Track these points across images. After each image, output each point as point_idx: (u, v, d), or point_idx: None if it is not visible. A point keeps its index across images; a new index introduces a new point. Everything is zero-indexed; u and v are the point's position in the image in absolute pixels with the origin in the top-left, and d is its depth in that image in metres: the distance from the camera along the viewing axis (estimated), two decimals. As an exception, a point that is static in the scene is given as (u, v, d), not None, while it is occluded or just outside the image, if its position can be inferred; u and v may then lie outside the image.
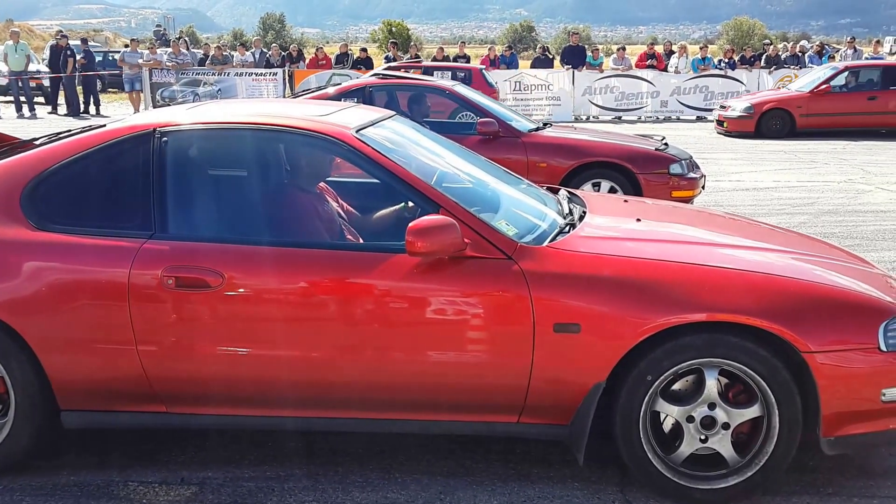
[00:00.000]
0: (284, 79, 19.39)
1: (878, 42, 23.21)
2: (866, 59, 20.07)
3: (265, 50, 21.58)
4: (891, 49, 39.35)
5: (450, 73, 14.78)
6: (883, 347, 2.98)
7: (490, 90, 14.51)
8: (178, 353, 3.13)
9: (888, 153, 13.32)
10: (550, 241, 3.18)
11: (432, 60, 21.03)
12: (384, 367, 3.08)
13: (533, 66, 20.68)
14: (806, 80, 16.45)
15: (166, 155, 3.28)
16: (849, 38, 23.07)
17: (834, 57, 21.21)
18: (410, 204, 3.43)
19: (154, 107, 17.98)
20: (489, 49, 22.20)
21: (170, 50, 20.82)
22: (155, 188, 3.22)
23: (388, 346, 3.07)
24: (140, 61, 19.34)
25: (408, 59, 19.00)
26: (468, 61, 21.23)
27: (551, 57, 21.23)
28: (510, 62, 20.78)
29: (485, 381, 3.06)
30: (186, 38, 27.37)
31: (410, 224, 2.95)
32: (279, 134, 3.43)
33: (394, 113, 4.06)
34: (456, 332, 3.04)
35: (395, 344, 3.07)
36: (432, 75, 12.63)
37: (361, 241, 3.47)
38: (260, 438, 3.54)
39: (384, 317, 3.06)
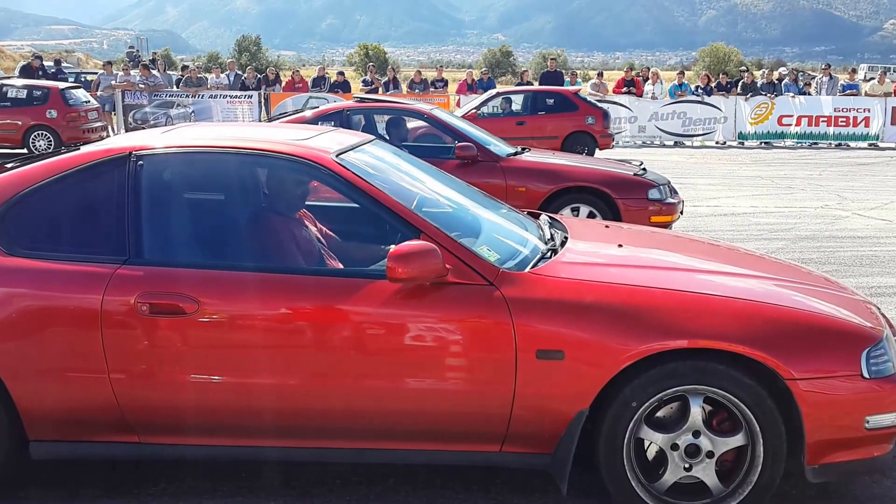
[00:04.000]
0: (260, 102, 19.35)
1: (853, 70, 23.56)
2: (841, 86, 20.40)
3: (240, 72, 21.49)
4: (865, 76, 39.95)
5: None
6: (866, 374, 2.97)
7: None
8: (152, 381, 3.05)
9: (864, 179, 13.48)
10: (532, 266, 3.15)
11: (410, 84, 21.12)
12: (364, 396, 3.02)
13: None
14: (465, 106, 16.35)
15: (142, 178, 3.22)
16: (824, 66, 23.42)
17: (810, 84, 21.50)
18: (391, 229, 3.38)
19: (126, 129, 17.84)
20: (467, 73, 22.20)
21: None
22: (130, 212, 3.15)
23: (367, 373, 3.01)
24: (113, 83, 19.20)
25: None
26: (446, 85, 21.34)
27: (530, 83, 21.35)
28: (488, 87, 20.83)
29: (467, 410, 3.00)
30: (162, 60, 27.27)
31: (391, 250, 2.90)
32: (258, 158, 3.38)
33: (373, 137, 4.03)
34: (437, 359, 3.00)
35: (376, 372, 3.01)
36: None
37: (341, 266, 3.42)
38: (235, 469, 3.46)
39: (364, 344, 3.00)
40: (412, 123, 8.20)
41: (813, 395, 2.91)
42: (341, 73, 21.56)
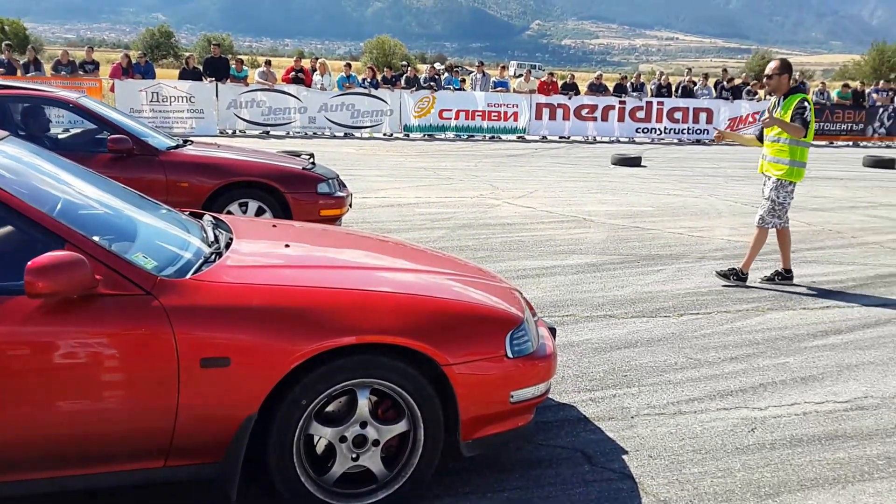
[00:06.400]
0: None
1: (503, 67, 25.72)
2: (493, 82, 22.20)
3: None
4: (515, 73, 43.93)
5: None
6: (510, 354, 3.30)
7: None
8: None
9: (513, 170, 14.82)
10: (194, 272, 3.05)
11: (55, 65, 19.22)
12: (6, 424, 2.73)
13: (181, 77, 19.86)
14: None
15: None
16: (478, 63, 25.30)
17: (465, 80, 23.14)
18: (31, 239, 3.07)
19: None
20: (122, 56, 20.09)
21: None
22: None
23: (9, 400, 2.72)
24: None
25: None
26: (98, 69, 19.74)
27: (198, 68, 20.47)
28: (146, 71, 19.59)
29: (126, 428, 2.84)
30: None
31: (30, 262, 2.63)
32: None
33: (7, 134, 3.63)
34: (89, 377, 2.79)
35: (18, 397, 2.73)
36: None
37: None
38: None
39: (3, 368, 2.70)
40: (56, 113, 7.50)
41: (465, 377, 3.17)
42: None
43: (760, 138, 7.23)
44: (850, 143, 23.90)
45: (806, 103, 6.64)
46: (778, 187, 6.82)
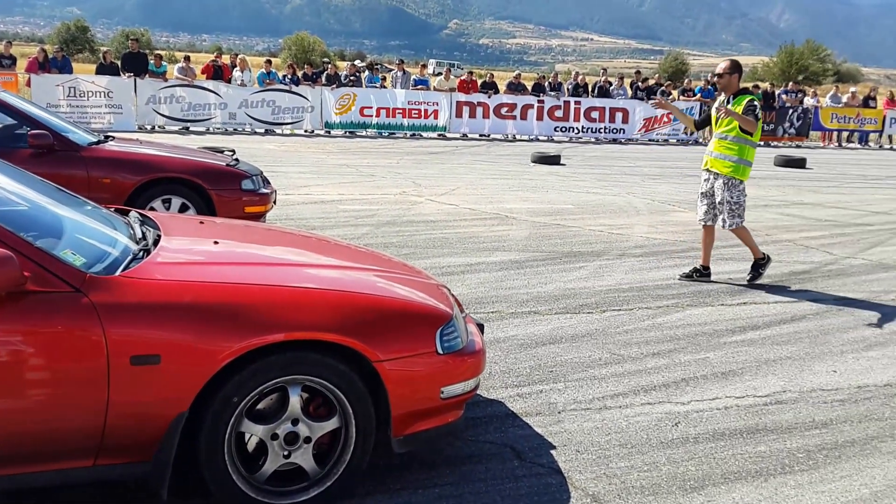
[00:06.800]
0: None
1: (423, 65, 25.79)
2: (413, 80, 22.25)
3: None
4: (434, 71, 44.12)
5: None
6: (440, 350, 3.35)
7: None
8: None
9: (435, 167, 14.90)
10: (123, 269, 3.01)
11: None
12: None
13: (98, 72, 19.29)
14: None
15: None
16: (398, 61, 25.33)
17: (386, 78, 23.13)
18: None
19: None
20: (39, 50, 19.86)
21: None
22: None
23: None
24: None
25: None
26: (14, 63, 19.16)
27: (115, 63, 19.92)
28: (63, 66, 19.11)
29: (54, 426, 2.79)
30: None
31: (-46, 260, 2.57)
32: None
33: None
34: (16, 375, 2.73)
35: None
36: None
37: None
38: None
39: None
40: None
41: (396, 374, 3.21)
42: None
43: (698, 125, 7.50)
44: (762, 143, 24.81)
45: (756, 102, 6.89)
46: (730, 188, 7.02)
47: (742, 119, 6.76)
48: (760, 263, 7.22)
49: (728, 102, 7.00)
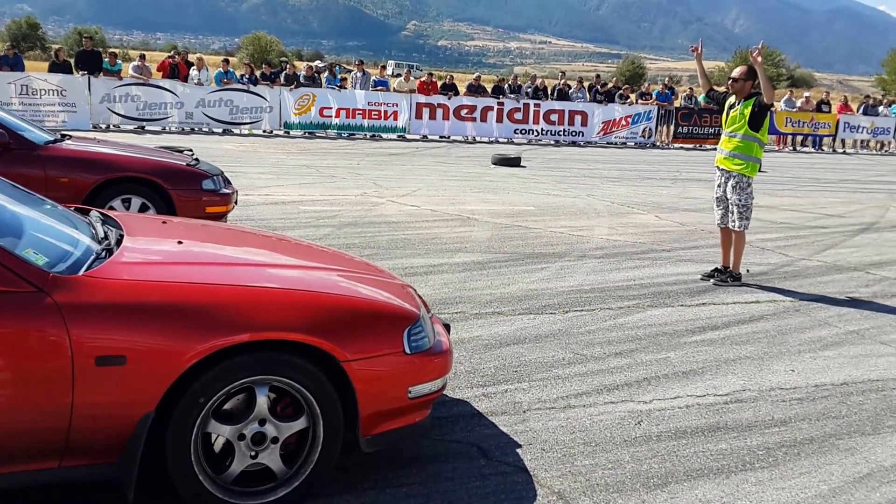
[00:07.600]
0: None
1: (383, 66, 25.73)
2: (373, 81, 22.20)
3: None
4: (393, 72, 44.05)
5: None
6: (407, 350, 3.35)
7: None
8: None
9: (395, 168, 14.89)
10: (87, 269, 2.97)
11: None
12: None
13: (51, 70, 18.90)
14: None
15: None
16: (357, 61, 25.25)
17: (346, 78, 23.05)
18: None
19: None
20: None
21: None
22: None
23: None
24: None
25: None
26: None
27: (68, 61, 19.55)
28: (15, 63, 18.71)
29: (18, 427, 2.73)
30: None
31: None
32: None
33: None
34: (-22, 376, 2.67)
35: None
36: None
37: None
38: None
39: None
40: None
41: (364, 374, 3.20)
42: None
43: (709, 94, 7.93)
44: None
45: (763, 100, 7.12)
46: (739, 190, 7.28)
47: (767, 85, 6.98)
48: (734, 276, 7.44)
49: (738, 104, 7.26)
